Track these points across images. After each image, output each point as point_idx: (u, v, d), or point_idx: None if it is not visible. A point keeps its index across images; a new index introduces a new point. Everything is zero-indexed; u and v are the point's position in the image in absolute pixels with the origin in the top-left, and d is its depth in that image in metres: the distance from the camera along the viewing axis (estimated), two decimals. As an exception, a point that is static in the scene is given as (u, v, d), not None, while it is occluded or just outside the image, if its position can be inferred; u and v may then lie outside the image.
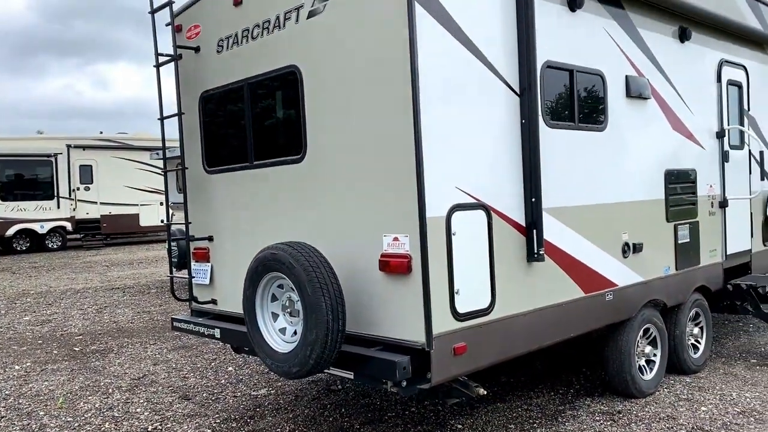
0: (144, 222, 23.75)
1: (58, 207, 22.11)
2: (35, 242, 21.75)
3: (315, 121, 4.22)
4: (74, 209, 22.43)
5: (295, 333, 3.91)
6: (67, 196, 22.23)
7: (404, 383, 3.77)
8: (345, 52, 3.97)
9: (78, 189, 22.60)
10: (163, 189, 23.40)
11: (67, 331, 8.96)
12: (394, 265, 3.71)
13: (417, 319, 3.63)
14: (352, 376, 4.16)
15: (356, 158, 3.95)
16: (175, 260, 12.34)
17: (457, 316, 3.74)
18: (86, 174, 22.82)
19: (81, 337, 8.58)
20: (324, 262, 3.74)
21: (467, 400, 4.69)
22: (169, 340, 8.15)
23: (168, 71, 5.35)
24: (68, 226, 22.34)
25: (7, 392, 6.26)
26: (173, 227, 13.12)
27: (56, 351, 7.85)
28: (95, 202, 22.92)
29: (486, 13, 3.99)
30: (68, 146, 22.33)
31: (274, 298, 4.05)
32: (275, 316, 4.04)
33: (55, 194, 21.96)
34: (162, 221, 24.10)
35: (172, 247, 12.57)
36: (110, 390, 6.22)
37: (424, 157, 3.58)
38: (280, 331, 3.99)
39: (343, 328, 3.67)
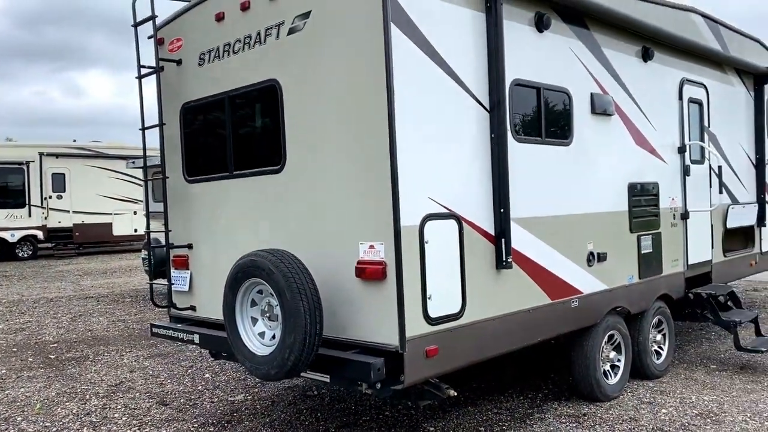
0: (117, 231, 23.55)
1: (30, 215, 21.87)
2: (5, 251, 21.47)
3: (294, 133, 4.39)
4: (46, 218, 22.20)
5: (274, 337, 4.05)
6: (39, 205, 22.01)
7: (378, 385, 3.94)
8: (324, 68, 4.15)
9: (50, 197, 22.37)
10: (138, 198, 23.23)
11: (41, 339, 8.95)
12: (369, 272, 3.89)
13: (391, 323, 3.80)
14: (328, 380, 4.32)
15: (334, 169, 4.13)
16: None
17: (429, 320, 3.92)
18: (59, 182, 22.61)
19: (56, 345, 8.59)
20: (302, 268, 3.90)
21: (439, 402, 4.87)
22: (146, 348, 8.20)
23: (149, 82, 5.48)
24: (40, 234, 22.10)
25: (-18, 399, 6.28)
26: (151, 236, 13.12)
27: (31, 358, 7.86)
28: (68, 211, 22.70)
29: (458, 35, 4.21)
30: (41, 154, 22.12)
31: (253, 303, 4.19)
32: (254, 320, 4.18)
33: (27, 202, 21.72)
34: (135, 230, 24.00)
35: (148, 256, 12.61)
36: (87, 396, 6.27)
37: (398, 169, 3.77)
38: (259, 335, 4.14)
39: (321, 331, 3.83)
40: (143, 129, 5.44)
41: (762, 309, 9.59)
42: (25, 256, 21.97)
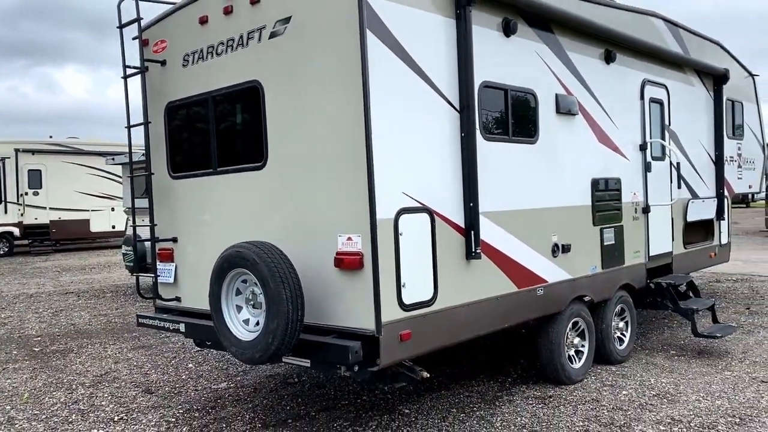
0: (94, 228, 23.52)
1: (6, 212, 21.77)
2: (-20, 248, 21.37)
3: (276, 132, 4.65)
4: (22, 214, 22.11)
5: (258, 323, 4.31)
6: (15, 201, 21.91)
7: (356, 368, 4.23)
8: (304, 70, 4.41)
9: (26, 194, 22.28)
10: (115, 195, 23.19)
11: (24, 333, 9.09)
12: (347, 262, 4.17)
13: (367, 309, 4.09)
14: (308, 364, 4.60)
15: (314, 166, 4.40)
16: (131, 264, 12.54)
17: (404, 306, 4.21)
18: (35, 179, 22.51)
19: (39, 338, 8.74)
20: (285, 259, 4.17)
21: (413, 383, 5.16)
22: (129, 341, 8.39)
23: (133, 82, 5.70)
24: (16, 231, 22.01)
25: (-30, 390, 6.45)
26: (129, 233, 13.27)
27: (15, 351, 8.01)
28: (44, 207, 22.61)
29: (430, 40, 4.49)
30: (17, 150, 22.02)
31: (238, 292, 4.45)
32: (239, 308, 4.44)
33: (3, 199, 21.62)
34: (113, 227, 23.98)
35: (128, 251, 12.74)
36: (74, 386, 6.47)
37: (374, 166, 4.05)
38: (244, 321, 4.40)
39: (302, 317, 4.10)
40: (128, 127, 5.64)
41: (722, 299, 10.06)
42: (1, 253, 21.87)
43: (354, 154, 4.11)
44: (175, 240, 5.57)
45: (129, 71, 5.53)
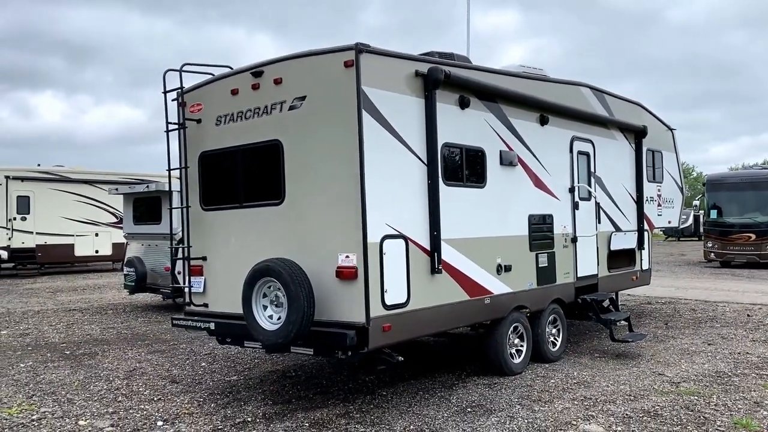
0: (79, 252, 24.64)
1: (-5, 236, 22.83)
2: (-32, 271, 22.31)
3: (292, 178, 6.28)
4: (10, 238, 23.17)
5: (279, 318, 5.90)
6: (4, 226, 22.98)
7: (350, 352, 5.83)
8: (315, 135, 6.08)
9: (15, 219, 23.37)
10: (99, 220, 24.36)
11: (49, 341, 10.43)
12: (345, 274, 5.79)
13: (360, 307, 5.71)
14: (311, 352, 6.19)
15: (321, 203, 6.04)
16: (133, 284, 13.94)
17: (386, 306, 5.84)
18: (23, 204, 23.64)
19: (64, 345, 10.10)
20: (301, 270, 5.78)
21: (390, 368, 6.75)
22: (143, 347, 9.81)
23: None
24: (4, 254, 23.03)
25: (24, 381, 7.83)
26: (129, 255, 14.66)
27: (49, 354, 9.38)
28: (31, 232, 23.71)
29: (406, 114, 6.21)
30: (7, 177, 23.17)
31: (264, 296, 6.03)
32: (265, 307, 6.03)
33: (-7, 224, 22.69)
34: (97, 251, 25.14)
35: (129, 272, 14.14)
36: (111, 378, 7.91)
37: (366, 203, 5.70)
38: (269, 317, 5.98)
39: (313, 312, 5.71)
40: (169, 170, 7.24)
41: (648, 317, 11.90)
42: (-10, 275, 22.85)
43: (352, 195, 5.76)
44: (204, 258, 7.12)
45: (171, 126, 7.15)
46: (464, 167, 6.91)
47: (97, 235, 24.87)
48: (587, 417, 6.04)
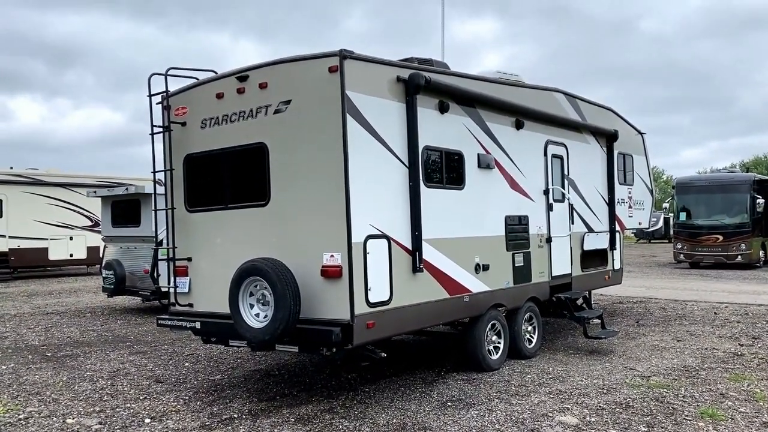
0: (53, 256, 24.39)
1: (-35, 240, 22.51)
2: (-60, 275, 21.97)
3: (277, 179, 6.45)
4: (-18, 242, 22.85)
5: (266, 316, 6.05)
6: (-24, 229, 22.67)
7: (335, 348, 6.01)
8: (300, 138, 6.25)
9: (-13, 222, 23.07)
10: (73, 224, 24.23)
11: (29, 343, 10.43)
12: (330, 272, 5.97)
13: (344, 304, 5.89)
14: (296, 350, 6.36)
15: (306, 204, 6.21)
16: (112, 287, 13.93)
17: (369, 304, 6.03)
18: (-4, 208, 23.36)
19: (45, 347, 10.10)
20: (287, 269, 5.95)
21: (373, 364, 6.94)
22: (124, 348, 9.86)
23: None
24: (-24, 258, 22.71)
25: (8, 382, 7.86)
26: (108, 258, 14.65)
27: (30, 356, 9.39)
28: (4, 236, 23.42)
29: (389, 118, 6.42)
30: (-21, 181, 22.88)
31: (251, 294, 6.18)
32: (251, 305, 6.18)
33: (-36, 227, 22.37)
34: (71, 255, 24.92)
35: (108, 275, 14.15)
36: (95, 378, 7.97)
37: (351, 204, 5.90)
38: (255, 315, 6.14)
39: (299, 310, 5.88)
40: (154, 172, 7.36)
41: (621, 315, 12.27)
42: (-39, 279, 22.52)
43: (336, 196, 5.95)
44: (189, 259, 7.24)
45: (156, 129, 7.27)
46: (444, 170, 7.14)
47: (71, 238, 24.65)
48: (563, 409, 6.30)
